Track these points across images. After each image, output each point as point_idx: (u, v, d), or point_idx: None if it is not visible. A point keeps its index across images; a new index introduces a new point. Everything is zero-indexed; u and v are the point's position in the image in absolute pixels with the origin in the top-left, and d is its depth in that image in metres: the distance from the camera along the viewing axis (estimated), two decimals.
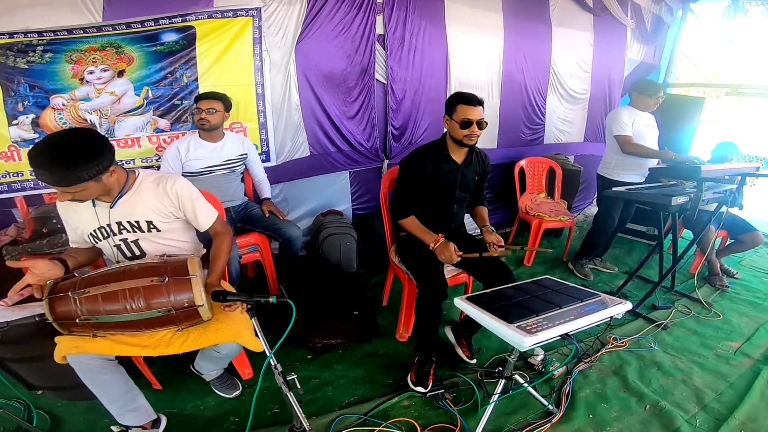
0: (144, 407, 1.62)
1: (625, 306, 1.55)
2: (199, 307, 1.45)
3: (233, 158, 2.46)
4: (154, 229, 1.61)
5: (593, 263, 3.29)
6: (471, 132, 1.96)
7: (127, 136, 2.53)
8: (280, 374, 1.42)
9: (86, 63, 2.37)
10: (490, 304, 1.57)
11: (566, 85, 3.93)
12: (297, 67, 2.76)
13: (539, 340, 1.32)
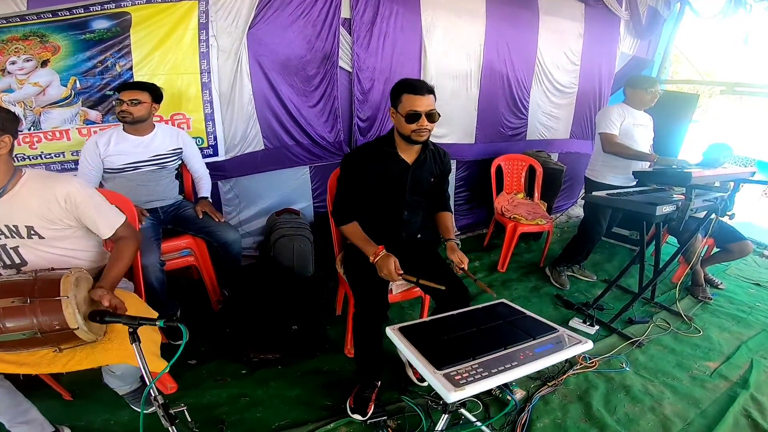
0: (38, 420, 1.47)
1: (583, 347, 1.33)
2: (75, 330, 1.26)
3: (164, 153, 2.23)
4: (36, 236, 1.43)
5: (571, 270, 3.09)
6: (420, 126, 1.70)
7: (54, 128, 2.30)
8: (160, 406, 1.22)
9: (8, 53, 2.15)
10: (423, 339, 1.36)
11: (553, 77, 3.68)
12: (249, 54, 2.52)
13: (466, 395, 1.11)
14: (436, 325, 1.49)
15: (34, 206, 1.39)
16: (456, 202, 3.63)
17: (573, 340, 1.36)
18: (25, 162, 2.31)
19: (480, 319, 1.51)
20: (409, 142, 1.78)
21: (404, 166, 1.86)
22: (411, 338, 1.37)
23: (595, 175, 2.79)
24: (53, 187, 1.41)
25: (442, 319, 1.54)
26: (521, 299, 2.74)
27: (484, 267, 3.16)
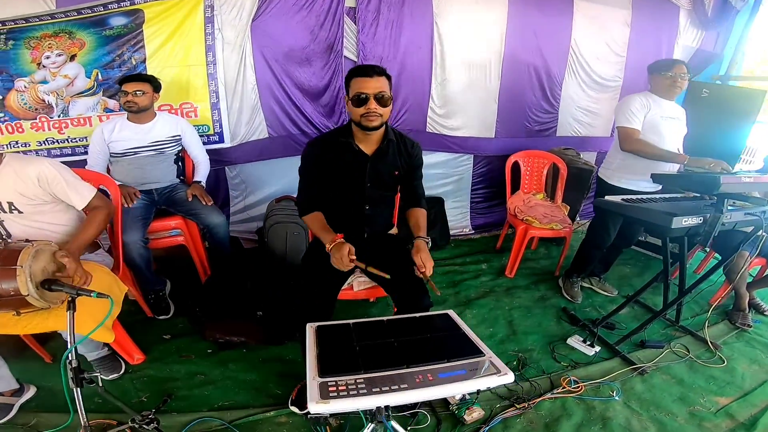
0: (5, 377, 1.65)
1: (500, 379, 1.15)
2: (26, 296, 1.39)
3: (162, 140, 2.38)
4: (16, 211, 1.61)
5: (588, 282, 2.79)
6: (368, 110, 1.60)
7: (79, 115, 2.57)
8: (72, 369, 1.28)
9: (43, 49, 2.43)
10: (333, 341, 1.31)
11: (591, 69, 3.32)
12: (253, 45, 2.59)
13: (329, 410, 1.03)
14: (357, 329, 1.39)
15: (12, 184, 1.57)
16: (473, 199, 3.46)
17: (491, 370, 1.18)
18: (55, 146, 2.61)
19: (406, 330, 1.39)
20: (362, 129, 1.68)
21: (362, 158, 1.77)
22: (322, 339, 1.33)
23: (609, 176, 2.47)
24: (27, 168, 1.58)
25: (367, 323, 1.44)
26: (521, 309, 2.54)
27: (492, 270, 2.97)
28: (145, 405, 1.72)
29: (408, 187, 1.94)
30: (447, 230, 3.29)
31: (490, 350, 1.27)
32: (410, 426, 1.69)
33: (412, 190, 1.95)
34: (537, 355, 2.16)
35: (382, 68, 1.67)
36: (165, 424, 1.56)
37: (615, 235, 2.51)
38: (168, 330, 2.20)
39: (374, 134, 1.74)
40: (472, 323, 2.38)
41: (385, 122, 1.71)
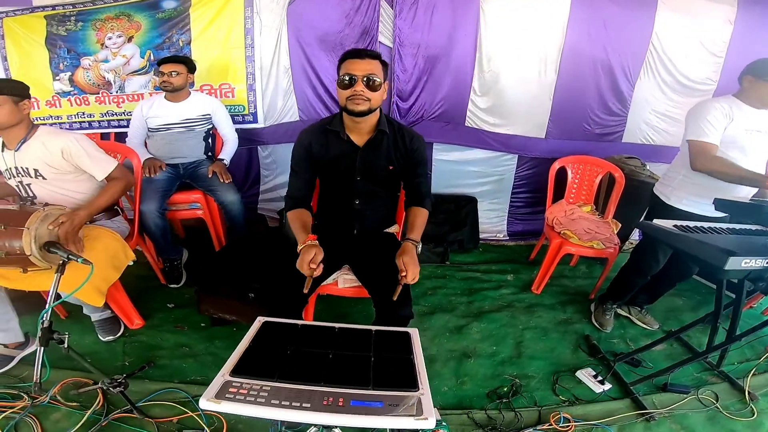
0: (14, 330, 1.84)
1: (419, 423, 0.97)
2: (29, 256, 1.55)
3: (193, 118, 2.50)
4: (41, 177, 1.81)
5: (627, 311, 2.41)
6: (354, 92, 1.49)
7: (133, 92, 2.82)
8: (43, 329, 1.34)
9: (106, 30, 2.70)
10: (269, 340, 1.25)
11: (676, 68, 2.80)
12: (288, 29, 2.62)
13: (219, 410, 0.97)
14: (302, 332, 1.31)
15: (39, 154, 1.77)
16: (513, 203, 3.16)
17: (413, 410, 1.00)
18: (114, 118, 2.89)
19: (353, 343, 1.26)
20: (349, 114, 1.58)
21: (351, 149, 1.68)
22: (260, 335, 1.28)
23: (667, 194, 2.06)
24: (54, 141, 1.77)
25: (316, 328, 1.35)
26: (536, 330, 2.27)
27: (518, 283, 2.70)
28: (125, 369, 1.85)
29: (409, 185, 1.81)
30: (477, 233, 3.06)
31: (428, 388, 1.09)
32: None
33: (414, 188, 1.81)
34: (535, 383, 1.92)
35: (376, 52, 1.56)
36: (134, 389, 1.65)
37: (664, 263, 2.11)
38: (174, 299, 2.34)
39: (365, 123, 1.64)
40: (475, 338, 2.19)
41: (374, 108, 1.58)
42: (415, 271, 1.54)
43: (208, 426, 1.57)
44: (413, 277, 1.53)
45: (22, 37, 2.73)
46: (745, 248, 1.40)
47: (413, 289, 2.49)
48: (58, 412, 1.62)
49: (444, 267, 2.83)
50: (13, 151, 1.76)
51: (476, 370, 1.98)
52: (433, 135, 2.83)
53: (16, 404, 1.62)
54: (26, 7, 2.71)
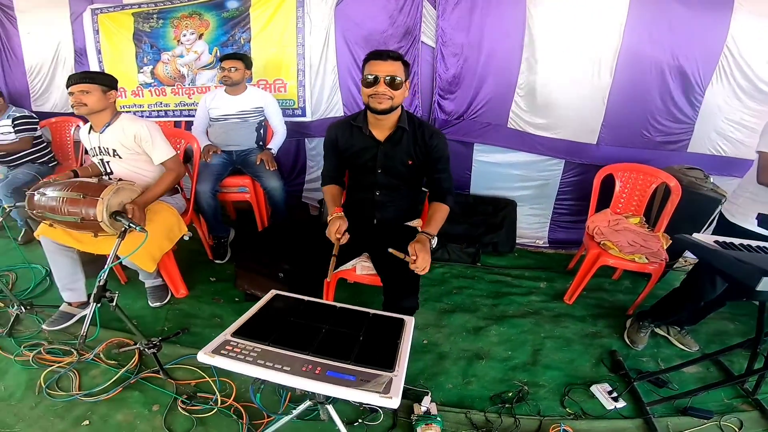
0: (80, 290, 2.15)
1: (383, 401, 1.02)
2: (100, 222, 1.81)
3: (248, 110, 2.73)
4: (117, 156, 2.12)
5: (665, 330, 2.22)
6: (376, 91, 1.60)
7: (202, 85, 3.15)
8: (98, 286, 1.57)
9: (182, 28, 3.04)
10: (275, 310, 1.40)
11: (755, 74, 2.48)
12: (336, 29, 2.77)
13: (212, 362, 1.13)
14: (307, 307, 1.44)
15: (118, 137, 2.08)
16: (556, 210, 3.02)
17: (381, 387, 1.06)
18: (185, 108, 3.24)
19: (349, 322, 1.36)
20: (372, 112, 1.69)
21: (373, 143, 1.78)
22: (269, 305, 1.43)
23: (733, 212, 1.91)
24: (130, 126, 2.07)
25: (320, 305, 1.48)
26: (558, 340, 2.17)
27: (550, 291, 2.59)
28: (163, 333, 2.09)
29: (430, 180, 1.87)
30: (513, 237, 2.98)
31: (404, 371, 1.14)
32: (361, 420, 1.67)
33: (435, 183, 1.86)
34: (544, 393, 1.85)
35: (398, 53, 1.65)
36: (166, 352, 1.89)
37: (722, 289, 1.91)
38: (216, 274, 2.60)
39: (387, 120, 1.73)
40: (491, 341, 2.16)
41: (395, 107, 1.68)
42: (426, 259, 1.58)
43: (219, 391, 1.75)
44: (423, 267, 1.57)
45: (114, 32, 3.17)
46: None
47: (438, 287, 2.56)
48: (96, 369, 1.87)
49: (474, 268, 2.80)
50: (98, 133, 2.08)
51: (485, 372, 1.95)
52: (473, 135, 2.82)
53: (63, 359, 1.90)
54: (117, 4, 3.15)
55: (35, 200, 1.85)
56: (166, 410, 1.67)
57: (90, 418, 1.64)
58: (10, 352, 1.95)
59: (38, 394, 1.74)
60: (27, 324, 2.15)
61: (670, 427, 1.67)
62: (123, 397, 1.74)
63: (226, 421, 1.65)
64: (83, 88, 1.93)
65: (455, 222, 2.91)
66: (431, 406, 1.69)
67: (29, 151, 2.98)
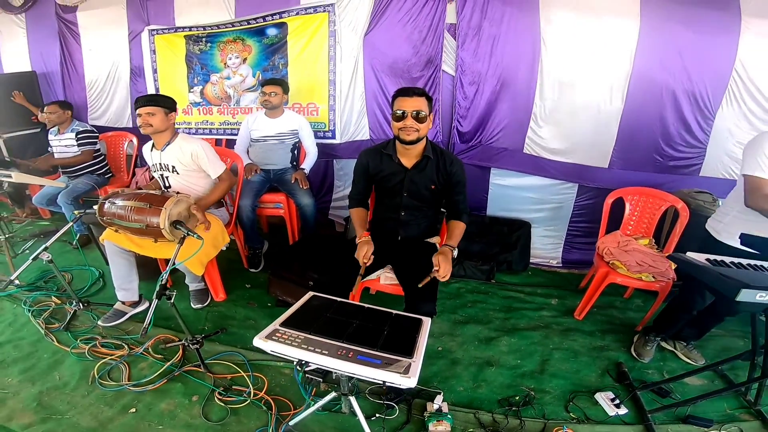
0: (134, 290, 2.42)
1: (403, 380, 1.22)
2: (162, 229, 2.07)
3: (285, 132, 3.00)
4: (175, 172, 2.40)
5: (672, 345, 2.31)
6: (404, 125, 1.84)
7: (246, 106, 3.45)
8: (161, 285, 1.80)
9: (228, 51, 3.35)
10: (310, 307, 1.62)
11: (764, 96, 2.57)
12: (364, 57, 3.01)
13: (266, 347, 1.34)
14: (339, 306, 1.64)
15: (177, 154, 2.36)
16: (570, 231, 3.14)
17: (402, 369, 1.26)
18: (229, 127, 3.54)
19: (375, 319, 1.56)
20: (401, 142, 1.92)
21: (401, 170, 2.01)
22: (308, 303, 1.65)
23: (719, 230, 1.99)
24: (188, 145, 2.36)
25: (349, 305, 1.68)
26: (566, 352, 2.29)
27: (561, 307, 2.70)
28: (204, 331, 2.34)
29: (449, 201, 2.08)
30: (527, 256, 3.11)
31: (421, 358, 1.33)
32: (379, 414, 1.84)
33: (453, 204, 2.08)
34: (549, 399, 1.98)
35: (422, 90, 1.87)
36: (206, 348, 2.13)
37: (710, 299, 2.05)
38: (251, 281, 2.85)
39: (413, 149, 1.96)
40: (502, 350, 2.30)
41: (421, 138, 1.91)
42: (447, 268, 1.80)
43: (252, 385, 1.96)
44: (444, 274, 1.79)
45: (168, 53, 3.52)
46: (764, 283, 1.41)
47: (453, 300, 2.73)
48: (144, 362, 2.11)
49: (488, 284, 2.95)
50: (159, 151, 2.38)
51: (495, 378, 2.10)
52: (490, 160, 3.00)
53: (115, 353, 2.16)
54: (171, 27, 3.50)
55: (105, 208, 2.14)
56: (204, 401, 1.89)
57: (136, 407, 1.86)
58: (66, 345, 2.21)
59: (91, 383, 1.98)
60: (82, 320, 2.43)
61: None
62: (167, 388, 1.97)
63: (257, 411, 1.85)
64: (149, 110, 2.23)
65: (471, 241, 3.07)
66: (443, 405, 1.85)
67: (89, 164, 3.33)
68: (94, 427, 1.75)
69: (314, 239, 2.92)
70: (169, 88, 3.63)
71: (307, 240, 2.94)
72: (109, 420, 1.79)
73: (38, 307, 2.52)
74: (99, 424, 1.76)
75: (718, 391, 1.83)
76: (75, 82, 4.24)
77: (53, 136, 3.33)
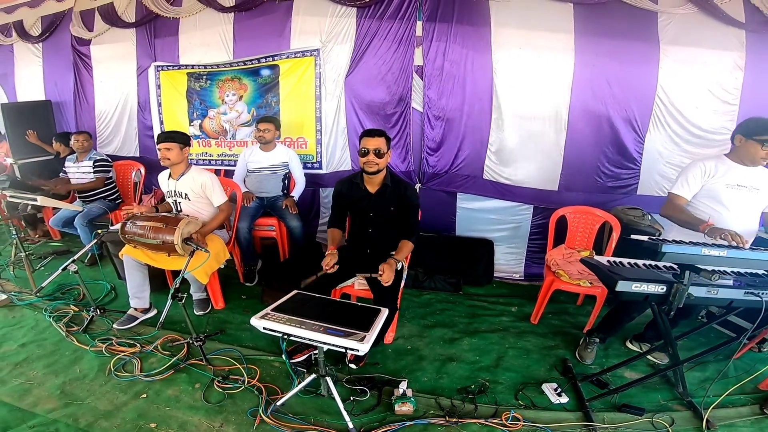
0: (145, 298, 2.78)
1: (357, 345, 1.65)
2: (176, 245, 2.47)
3: (276, 164, 3.43)
4: (187, 198, 2.80)
5: (637, 346, 2.68)
6: (368, 160, 2.31)
7: (241, 139, 3.87)
8: (175, 288, 2.19)
9: (226, 89, 3.79)
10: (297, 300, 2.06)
11: (687, 120, 3.02)
12: (346, 97, 3.47)
13: (259, 324, 1.77)
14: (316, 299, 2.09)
15: (190, 184, 2.77)
16: (530, 248, 3.54)
17: (358, 339, 1.68)
18: (226, 158, 3.96)
19: (343, 307, 2.05)
20: (365, 173, 2.38)
21: (367, 195, 2.46)
22: (294, 297, 2.08)
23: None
24: (199, 176, 2.77)
25: (325, 299, 2.14)
26: (520, 350, 2.64)
27: (520, 314, 3.07)
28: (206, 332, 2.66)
29: (403, 223, 2.50)
30: (491, 271, 3.51)
31: (375, 334, 1.75)
32: (353, 397, 2.17)
33: (406, 226, 2.51)
34: (502, 388, 2.30)
35: (382, 131, 2.36)
36: (207, 346, 2.49)
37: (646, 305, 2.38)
38: (246, 293, 3.24)
39: (375, 178, 2.43)
40: (463, 348, 2.64)
41: (381, 169, 2.37)
42: (389, 275, 2.22)
43: (247, 375, 2.30)
44: (387, 280, 2.21)
45: (171, 88, 3.95)
46: (637, 275, 1.83)
47: (424, 308, 3.16)
48: (154, 358, 2.47)
49: (456, 295, 3.33)
50: (175, 180, 2.80)
51: (455, 371, 2.43)
52: (456, 186, 3.42)
53: (128, 350, 2.51)
54: (176, 64, 3.94)
55: (127, 228, 2.54)
56: (205, 388, 2.23)
57: (147, 393, 2.20)
58: (85, 344, 2.57)
59: (107, 375, 2.32)
60: (99, 324, 2.79)
61: (606, 420, 2.07)
62: (173, 378, 2.31)
63: (250, 396, 2.18)
64: (167, 146, 2.65)
65: (441, 257, 3.47)
66: (407, 391, 2.19)
67: (101, 190, 3.73)
68: (111, 410, 2.08)
69: (301, 256, 3.31)
70: (171, 121, 4.03)
71: (295, 257, 3.34)
72: (123, 404, 2.12)
73: (58, 314, 2.88)
74: (114, 408, 2.09)
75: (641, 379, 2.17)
76: (86, 112, 4.62)
77: (71, 163, 3.74)
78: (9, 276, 3.50)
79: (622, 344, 2.73)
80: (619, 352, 2.67)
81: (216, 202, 2.80)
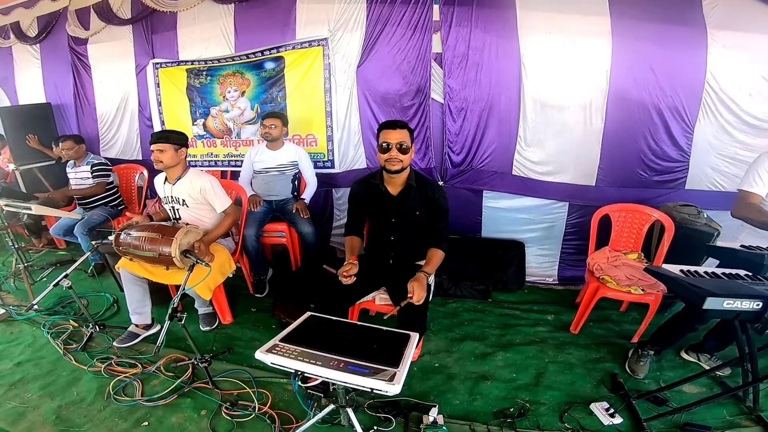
0: (146, 314, 2.55)
1: (388, 387, 1.33)
2: (173, 258, 2.22)
3: (285, 164, 3.17)
4: (185, 205, 2.54)
5: (695, 357, 2.37)
6: (390, 156, 1.99)
7: (246, 138, 3.63)
8: (173, 308, 1.95)
9: (227, 85, 3.55)
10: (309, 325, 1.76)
11: (740, 108, 2.69)
12: (358, 89, 3.20)
13: (266, 360, 1.49)
14: (335, 324, 1.80)
15: (187, 188, 2.51)
16: (564, 249, 3.23)
17: (387, 377, 1.37)
18: (232, 158, 3.72)
19: (367, 335, 1.70)
20: (386, 172, 2.06)
21: (388, 198, 2.15)
22: (306, 322, 1.79)
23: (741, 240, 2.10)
24: (197, 180, 2.50)
25: (345, 323, 1.84)
26: (562, 365, 2.35)
27: (557, 323, 2.77)
28: (212, 351, 2.44)
29: (431, 229, 2.19)
30: (522, 275, 3.20)
31: (406, 369, 1.44)
32: (377, 427, 1.91)
33: (435, 232, 2.19)
34: (544, 410, 2.03)
35: (404, 122, 2.03)
36: (214, 366, 2.24)
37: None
38: (257, 305, 2.98)
39: (398, 178, 2.10)
40: (497, 364, 2.36)
41: (405, 167, 2.05)
42: (420, 294, 1.92)
43: (257, 400, 2.05)
44: (418, 299, 1.91)
45: (171, 86, 3.72)
46: (729, 290, 1.50)
47: (450, 319, 2.83)
48: (156, 380, 2.23)
49: (484, 303, 3.03)
50: (171, 185, 2.54)
51: (490, 391, 2.16)
52: (482, 183, 3.13)
53: (129, 371, 2.28)
54: (175, 60, 3.71)
55: (121, 238, 2.30)
56: (212, 415, 1.99)
57: (149, 420, 1.97)
58: (83, 364, 2.36)
59: (106, 399, 2.10)
60: (98, 341, 2.57)
61: None
62: (177, 403, 2.08)
63: (261, 425, 1.94)
64: (159, 147, 2.39)
65: (467, 262, 3.17)
66: (438, 418, 1.92)
67: (102, 195, 3.52)
68: None
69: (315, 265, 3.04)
70: (173, 121, 3.81)
71: (308, 266, 3.08)
72: None
73: (56, 329, 2.68)
74: None
75: (711, 398, 1.89)
76: (87, 114, 4.43)
77: (70, 168, 3.55)
78: (9, 288, 3.32)
79: (677, 354, 2.43)
80: (673, 364, 2.37)
81: (219, 207, 2.53)
